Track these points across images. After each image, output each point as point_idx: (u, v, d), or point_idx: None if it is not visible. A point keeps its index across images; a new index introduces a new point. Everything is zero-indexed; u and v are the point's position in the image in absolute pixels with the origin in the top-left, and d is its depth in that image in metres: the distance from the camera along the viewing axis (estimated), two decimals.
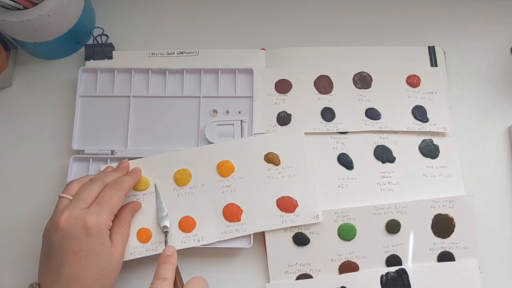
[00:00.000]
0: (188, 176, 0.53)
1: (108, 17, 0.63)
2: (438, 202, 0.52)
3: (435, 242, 0.51)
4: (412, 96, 0.57)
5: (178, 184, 0.53)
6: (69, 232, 0.44)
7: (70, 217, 0.44)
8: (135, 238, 0.51)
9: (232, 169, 0.53)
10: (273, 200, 0.52)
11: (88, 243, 0.44)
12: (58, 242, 0.44)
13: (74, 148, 0.55)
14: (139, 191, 0.52)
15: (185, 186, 0.53)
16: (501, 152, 0.56)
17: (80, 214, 0.44)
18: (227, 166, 0.53)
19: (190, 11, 0.63)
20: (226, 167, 0.53)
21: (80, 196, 0.46)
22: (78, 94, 0.57)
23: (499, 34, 0.61)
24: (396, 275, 0.50)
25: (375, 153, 0.55)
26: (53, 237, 0.44)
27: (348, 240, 0.52)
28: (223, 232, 0.51)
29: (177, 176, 0.53)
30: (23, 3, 0.52)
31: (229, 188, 0.52)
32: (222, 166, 0.53)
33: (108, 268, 0.45)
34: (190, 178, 0.53)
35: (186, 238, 0.51)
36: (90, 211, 0.45)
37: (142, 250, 0.50)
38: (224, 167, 0.53)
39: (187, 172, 0.53)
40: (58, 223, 0.44)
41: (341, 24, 0.62)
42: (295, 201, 0.52)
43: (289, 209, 0.51)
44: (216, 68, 0.57)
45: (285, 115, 0.57)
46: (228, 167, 0.53)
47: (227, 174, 0.53)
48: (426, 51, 0.59)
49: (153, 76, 0.58)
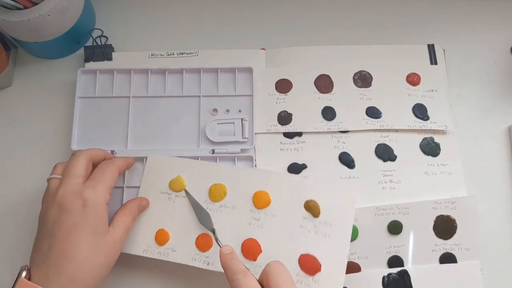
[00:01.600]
0: (222, 194, 0.50)
1: (108, 18, 0.63)
2: (440, 203, 0.52)
3: (437, 243, 0.51)
4: (413, 94, 0.57)
5: (211, 198, 0.50)
6: (65, 207, 0.43)
7: (66, 192, 0.43)
8: (152, 237, 0.49)
9: (267, 203, 0.49)
10: (296, 254, 0.47)
11: (84, 215, 0.42)
12: (53, 220, 0.43)
13: (73, 149, 0.54)
14: (173, 191, 0.51)
15: (217, 202, 0.50)
16: (502, 152, 0.56)
17: (76, 188, 0.44)
18: (264, 198, 0.49)
19: (190, 11, 0.63)
20: (262, 198, 0.49)
21: (69, 172, 0.45)
22: (77, 95, 0.56)
23: (499, 34, 0.61)
24: (398, 277, 0.50)
25: (376, 151, 0.55)
26: (48, 216, 0.43)
27: (350, 241, 0.51)
28: None
29: (213, 189, 0.50)
30: (23, 2, 0.52)
31: (258, 222, 0.49)
32: (259, 196, 0.49)
33: (102, 246, 0.43)
34: (224, 196, 0.50)
35: (197, 256, 0.48)
36: (86, 185, 0.44)
37: (154, 251, 0.48)
38: (260, 198, 0.49)
39: (223, 189, 0.50)
40: (54, 200, 0.43)
41: (341, 24, 0.62)
42: (320, 265, 0.46)
43: (310, 270, 0.46)
44: (215, 68, 0.57)
45: (286, 114, 0.57)
46: (264, 199, 0.49)
47: (261, 206, 0.49)
48: (426, 50, 0.60)
49: (152, 76, 0.58)
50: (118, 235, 0.45)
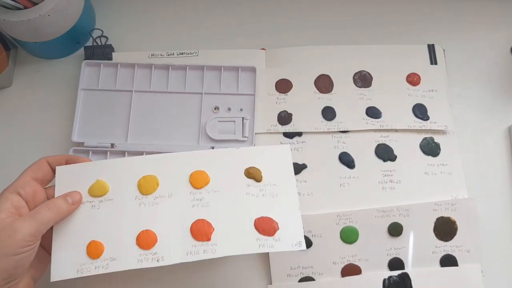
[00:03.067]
0: (154, 184, 0.46)
1: (108, 18, 0.63)
2: (440, 205, 0.52)
3: (438, 245, 0.51)
4: (413, 94, 0.57)
5: (142, 191, 0.46)
6: None
7: None
8: (83, 252, 0.43)
9: (206, 181, 0.46)
10: (250, 220, 0.45)
11: None
12: None
13: (74, 140, 0.55)
14: (95, 196, 0.45)
15: (150, 195, 0.46)
16: (502, 152, 0.56)
17: None
18: (201, 177, 0.46)
19: (190, 11, 0.63)
20: (200, 178, 0.46)
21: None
22: (80, 87, 0.57)
23: (499, 34, 0.61)
24: (399, 279, 0.50)
25: (376, 151, 0.55)
26: None
27: (351, 243, 0.52)
28: (188, 252, 0.43)
29: (142, 182, 0.46)
30: (24, 2, 0.52)
31: (201, 202, 0.45)
32: (196, 176, 0.46)
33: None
34: (157, 186, 0.46)
35: (143, 256, 0.43)
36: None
37: (90, 268, 0.43)
38: (197, 178, 0.46)
39: (154, 180, 0.46)
40: None
41: (341, 23, 0.62)
42: (276, 224, 0.45)
43: (269, 231, 0.44)
44: (219, 66, 0.57)
45: (286, 114, 0.57)
46: (202, 178, 0.46)
47: (200, 186, 0.46)
48: (426, 50, 0.60)
49: (155, 72, 0.58)
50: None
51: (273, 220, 0.45)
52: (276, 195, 0.46)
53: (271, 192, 0.46)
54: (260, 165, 0.47)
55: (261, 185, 0.47)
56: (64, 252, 0.44)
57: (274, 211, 0.45)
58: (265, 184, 0.47)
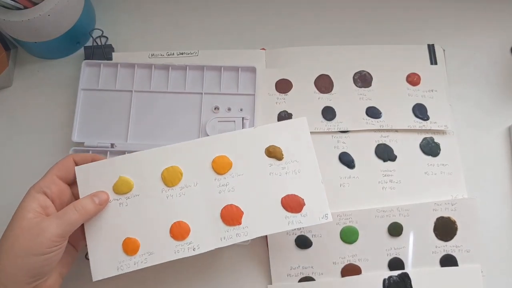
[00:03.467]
0: (178, 175, 0.47)
1: (108, 18, 0.63)
2: (440, 205, 0.52)
3: (438, 245, 0.51)
4: (413, 94, 0.57)
5: (166, 184, 0.46)
6: None
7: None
8: (120, 250, 0.44)
9: (229, 165, 0.47)
10: (277, 199, 0.46)
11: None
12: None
13: (74, 140, 0.55)
14: (121, 194, 0.46)
15: (175, 186, 0.46)
16: (502, 152, 0.56)
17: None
18: (224, 162, 0.47)
19: (190, 11, 0.63)
20: (222, 163, 0.47)
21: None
22: (80, 87, 0.57)
23: (499, 34, 0.61)
24: (399, 279, 0.50)
25: (376, 151, 0.55)
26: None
27: (351, 243, 0.52)
28: (222, 237, 0.45)
29: (165, 175, 0.46)
30: (23, 2, 0.52)
31: (227, 187, 0.46)
32: (218, 162, 0.47)
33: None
34: (181, 177, 0.47)
35: (179, 247, 0.44)
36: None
37: (130, 264, 0.44)
38: (220, 163, 0.47)
39: (177, 170, 0.47)
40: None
41: (341, 24, 0.62)
42: (302, 200, 0.46)
43: (296, 208, 0.46)
44: (219, 66, 0.57)
45: (286, 114, 0.57)
46: (224, 163, 0.47)
47: (224, 171, 0.47)
48: (426, 50, 0.60)
49: (155, 72, 0.58)
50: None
51: (298, 196, 0.46)
52: (299, 171, 0.47)
53: (294, 169, 0.47)
54: (280, 143, 0.48)
55: (283, 163, 0.47)
56: (100, 252, 0.45)
57: (298, 187, 0.46)
58: (286, 161, 0.47)
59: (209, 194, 0.46)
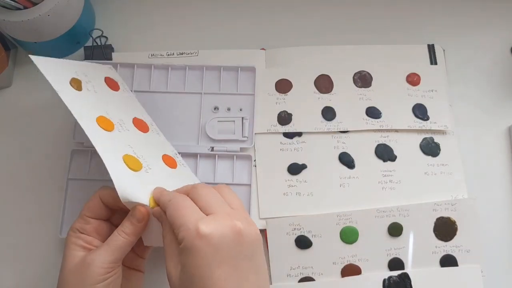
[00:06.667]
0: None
1: (108, 18, 0.63)
2: (440, 205, 0.52)
3: (438, 245, 0.51)
4: (413, 94, 0.57)
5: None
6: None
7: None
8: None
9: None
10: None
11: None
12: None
13: (74, 140, 0.54)
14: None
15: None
16: (502, 152, 0.56)
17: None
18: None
19: (190, 11, 0.63)
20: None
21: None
22: None
23: (499, 34, 0.61)
24: (399, 279, 0.50)
25: (376, 151, 0.55)
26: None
27: (351, 243, 0.52)
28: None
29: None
30: (23, 2, 0.52)
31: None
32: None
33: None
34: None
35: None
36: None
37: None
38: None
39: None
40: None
41: (341, 23, 0.62)
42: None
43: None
44: (218, 66, 0.57)
45: (286, 114, 0.57)
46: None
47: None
48: (426, 50, 0.59)
49: (155, 72, 0.58)
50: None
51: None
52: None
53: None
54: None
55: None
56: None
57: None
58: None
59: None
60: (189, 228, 0.35)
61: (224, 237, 0.36)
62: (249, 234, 0.37)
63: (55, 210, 0.53)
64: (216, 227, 0.36)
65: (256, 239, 0.38)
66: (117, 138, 0.45)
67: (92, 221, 0.44)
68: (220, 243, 0.35)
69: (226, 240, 0.36)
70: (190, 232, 0.35)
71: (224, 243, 0.36)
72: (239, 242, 0.36)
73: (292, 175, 0.54)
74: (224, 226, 0.36)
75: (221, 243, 0.36)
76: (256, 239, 0.38)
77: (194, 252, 0.35)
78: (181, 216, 0.37)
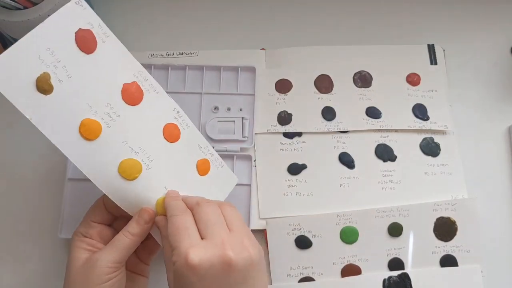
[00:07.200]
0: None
1: (108, 17, 0.63)
2: (440, 205, 0.52)
3: (438, 245, 0.51)
4: (413, 94, 0.57)
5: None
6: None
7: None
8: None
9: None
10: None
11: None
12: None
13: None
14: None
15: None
16: (502, 152, 0.56)
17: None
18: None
19: (190, 11, 0.63)
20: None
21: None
22: None
23: (499, 34, 0.61)
24: (399, 279, 0.50)
25: (376, 151, 0.55)
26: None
27: (351, 243, 0.52)
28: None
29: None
30: (23, 3, 0.52)
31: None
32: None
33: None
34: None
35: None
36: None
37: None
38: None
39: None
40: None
41: (341, 23, 0.62)
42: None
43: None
44: (218, 66, 0.57)
45: (286, 114, 0.57)
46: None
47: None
48: (426, 50, 0.60)
49: (155, 72, 0.58)
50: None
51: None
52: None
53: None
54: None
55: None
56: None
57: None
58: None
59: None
60: (180, 254, 0.37)
61: (211, 268, 0.36)
62: (241, 260, 0.37)
63: (54, 210, 0.53)
64: (206, 257, 0.37)
65: (250, 264, 0.38)
66: (108, 140, 0.42)
67: (96, 225, 0.44)
68: (206, 274, 0.36)
69: (212, 271, 0.36)
70: (180, 259, 0.37)
71: (209, 274, 0.36)
72: (227, 272, 0.37)
73: (292, 175, 0.54)
74: (213, 256, 0.37)
75: (207, 274, 0.36)
76: (249, 264, 0.38)
77: (182, 278, 0.37)
78: (176, 240, 0.38)
